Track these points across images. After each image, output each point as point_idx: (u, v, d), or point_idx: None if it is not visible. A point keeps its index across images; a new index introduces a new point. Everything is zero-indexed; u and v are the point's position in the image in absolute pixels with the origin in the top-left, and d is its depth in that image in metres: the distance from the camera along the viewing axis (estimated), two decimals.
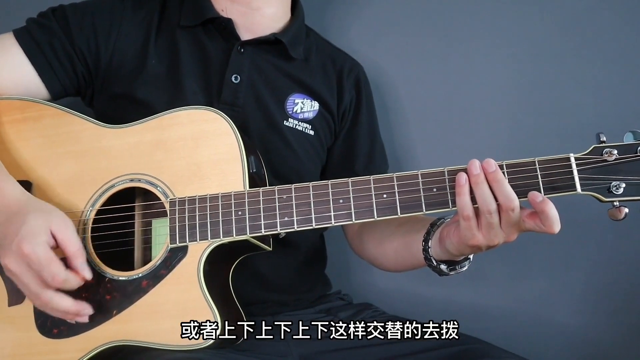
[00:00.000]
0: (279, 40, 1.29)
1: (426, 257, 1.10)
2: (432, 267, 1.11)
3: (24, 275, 1.02)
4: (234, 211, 1.08)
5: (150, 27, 1.28)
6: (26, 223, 1.02)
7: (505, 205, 0.97)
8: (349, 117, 1.37)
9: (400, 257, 1.21)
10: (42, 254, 1.01)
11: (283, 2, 1.33)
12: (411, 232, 1.17)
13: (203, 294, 1.06)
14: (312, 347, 1.17)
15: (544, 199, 0.95)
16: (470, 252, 1.05)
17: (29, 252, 1.00)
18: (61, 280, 1.02)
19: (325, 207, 1.05)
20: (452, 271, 1.10)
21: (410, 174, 1.04)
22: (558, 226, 0.96)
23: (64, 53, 1.24)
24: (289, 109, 1.30)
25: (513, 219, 0.98)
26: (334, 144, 1.37)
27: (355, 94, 1.38)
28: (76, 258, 1.04)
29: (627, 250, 1.50)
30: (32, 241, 1.00)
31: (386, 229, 1.26)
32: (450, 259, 1.09)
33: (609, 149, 0.98)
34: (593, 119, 1.47)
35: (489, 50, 1.55)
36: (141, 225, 1.19)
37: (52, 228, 1.03)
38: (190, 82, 1.25)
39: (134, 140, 1.15)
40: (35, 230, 1.02)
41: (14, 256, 1.01)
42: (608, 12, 1.50)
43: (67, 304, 1.04)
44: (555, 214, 0.95)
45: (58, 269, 1.02)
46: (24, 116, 1.21)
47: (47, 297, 1.03)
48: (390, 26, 1.59)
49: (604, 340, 1.50)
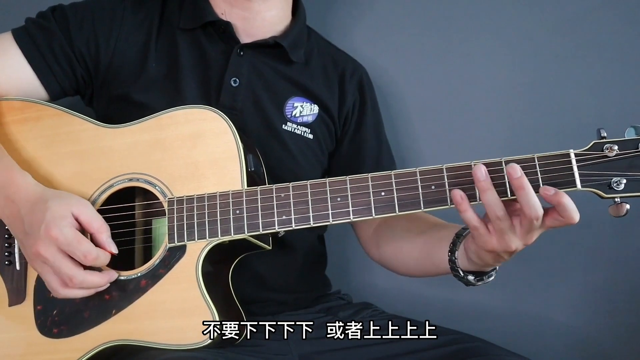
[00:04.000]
0: (279, 44, 1.28)
1: (453, 268, 1.08)
2: (459, 277, 1.09)
3: (55, 258, 1.03)
4: (232, 210, 1.07)
5: (150, 28, 1.27)
6: (49, 209, 1.04)
7: (529, 214, 0.94)
8: (352, 120, 1.36)
9: (421, 265, 1.19)
10: (71, 235, 1.03)
11: (283, 4, 1.32)
12: (433, 241, 1.15)
13: (202, 293, 1.06)
14: (312, 346, 1.17)
15: (557, 191, 0.93)
16: (492, 260, 1.01)
17: (58, 235, 1.02)
18: (94, 257, 1.04)
19: (323, 205, 1.05)
20: (479, 282, 1.08)
21: (408, 171, 1.03)
22: (577, 214, 0.94)
23: (63, 55, 1.24)
24: (287, 112, 1.29)
25: (535, 227, 0.95)
26: (340, 147, 1.36)
27: (359, 97, 1.37)
28: (101, 233, 1.07)
29: (627, 250, 1.49)
30: (58, 224, 1.03)
31: (406, 235, 1.23)
32: (478, 269, 1.06)
33: (610, 144, 0.97)
34: (593, 117, 1.45)
35: (490, 49, 1.55)
36: (141, 225, 1.19)
37: (73, 210, 1.06)
38: (190, 85, 1.24)
39: (133, 140, 1.15)
40: (59, 214, 1.04)
41: (43, 242, 1.03)
42: (608, 12, 1.50)
43: (98, 279, 1.06)
44: (572, 204, 0.93)
45: (89, 247, 1.04)
46: (24, 117, 1.21)
47: (81, 277, 1.04)
48: (391, 26, 1.58)
49: (604, 340, 1.50)
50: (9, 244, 1.17)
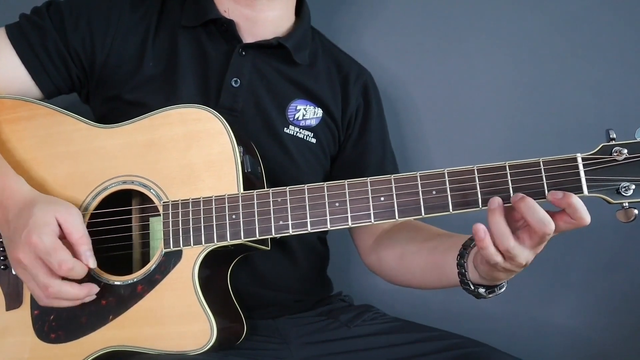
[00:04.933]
0: (282, 44, 1.24)
1: (462, 281, 1.03)
2: (469, 290, 1.04)
3: (32, 265, 1.02)
4: (228, 215, 1.05)
5: (149, 26, 1.24)
6: (33, 215, 1.03)
7: (541, 231, 0.89)
8: (355, 125, 1.32)
9: (428, 275, 1.15)
10: (49, 242, 1.01)
11: (288, 4, 1.28)
12: (439, 251, 1.11)
13: (198, 299, 1.04)
14: (313, 350, 1.16)
15: (565, 193, 0.90)
16: (504, 275, 0.98)
17: (36, 241, 1.01)
18: (69, 267, 1.01)
19: (321, 210, 1.02)
20: (490, 294, 1.03)
21: (409, 175, 0.99)
22: (588, 216, 0.90)
23: (58, 55, 1.21)
24: (290, 115, 1.25)
25: (546, 239, 0.92)
26: (342, 152, 1.32)
27: (363, 102, 1.33)
28: (80, 245, 1.04)
29: (627, 251, 1.48)
30: (39, 231, 1.01)
31: (409, 244, 1.20)
32: (488, 283, 1.02)
33: (619, 147, 0.93)
34: (597, 117, 1.44)
35: (492, 50, 1.54)
36: (138, 229, 1.17)
37: (57, 216, 1.04)
38: (188, 85, 1.21)
39: (126, 140, 1.13)
40: (42, 220, 1.02)
41: (23, 247, 1.02)
42: (608, 12, 1.48)
43: (75, 291, 1.04)
44: (582, 205, 0.90)
45: (66, 256, 1.02)
46: (16, 116, 1.19)
47: (56, 287, 1.03)
48: (395, 28, 1.57)
49: (604, 341, 1.49)
50: (4, 249, 1.15)
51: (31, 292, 1.06)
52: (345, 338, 1.17)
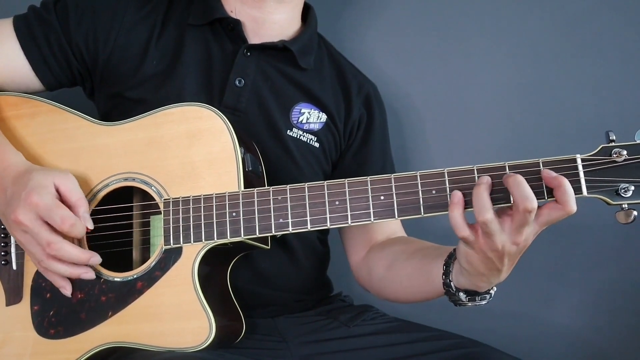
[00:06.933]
0: (287, 48, 1.24)
1: (445, 283, 1.03)
2: (450, 294, 1.03)
3: (33, 224, 1.03)
4: (228, 212, 1.05)
5: (154, 24, 1.24)
6: (32, 179, 1.06)
7: (523, 206, 0.88)
8: (357, 135, 1.32)
9: (415, 281, 1.14)
10: (50, 201, 1.04)
11: (295, 9, 1.28)
12: (428, 258, 1.11)
13: (198, 296, 1.05)
14: (312, 349, 1.16)
15: (559, 174, 0.89)
16: (483, 266, 0.96)
17: (38, 201, 1.03)
18: (71, 222, 1.04)
19: (320, 209, 1.02)
20: (470, 301, 1.02)
21: (409, 174, 1.00)
22: (575, 203, 0.89)
23: (59, 49, 1.22)
24: (293, 118, 1.25)
25: (528, 221, 0.89)
26: (342, 160, 1.32)
27: (365, 112, 1.32)
28: (78, 207, 1.07)
29: (627, 251, 1.47)
30: (39, 192, 1.04)
31: (400, 254, 1.20)
32: (471, 287, 1.01)
33: (619, 149, 0.93)
34: (596, 117, 1.43)
35: (492, 51, 1.54)
36: (139, 225, 1.17)
37: (55, 181, 1.07)
38: (191, 83, 1.21)
39: (128, 138, 1.13)
40: (41, 183, 1.05)
41: (23, 208, 1.04)
42: (608, 12, 1.49)
43: (77, 252, 1.06)
44: (572, 190, 0.89)
45: (67, 212, 1.05)
46: (19, 113, 1.20)
47: (59, 242, 1.04)
48: (392, 27, 1.57)
49: (604, 341, 1.49)
50: (5, 244, 1.16)
51: (32, 256, 1.07)
52: (344, 337, 1.17)
